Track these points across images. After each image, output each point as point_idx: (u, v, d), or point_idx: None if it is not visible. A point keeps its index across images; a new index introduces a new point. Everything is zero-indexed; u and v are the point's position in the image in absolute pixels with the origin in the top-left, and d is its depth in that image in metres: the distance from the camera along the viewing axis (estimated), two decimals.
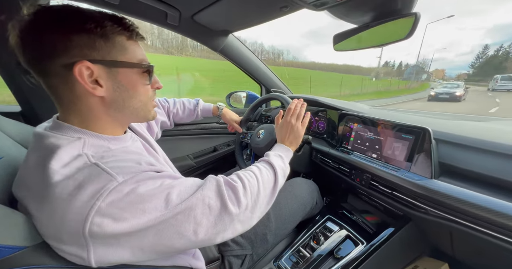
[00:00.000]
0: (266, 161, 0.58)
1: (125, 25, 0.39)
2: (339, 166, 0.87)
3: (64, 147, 0.35)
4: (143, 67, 0.41)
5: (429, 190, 0.55)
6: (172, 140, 1.18)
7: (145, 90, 0.44)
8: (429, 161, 0.59)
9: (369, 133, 0.80)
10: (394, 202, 0.67)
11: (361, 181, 0.77)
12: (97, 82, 0.37)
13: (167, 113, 0.95)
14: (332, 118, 0.99)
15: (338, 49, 0.74)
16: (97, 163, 0.34)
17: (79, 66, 0.34)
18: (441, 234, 0.64)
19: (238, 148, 1.07)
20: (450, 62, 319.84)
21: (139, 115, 0.45)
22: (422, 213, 0.60)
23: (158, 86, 0.48)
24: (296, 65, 68.92)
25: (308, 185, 0.92)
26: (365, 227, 0.78)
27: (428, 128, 0.60)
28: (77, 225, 0.31)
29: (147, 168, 0.38)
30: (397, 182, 0.64)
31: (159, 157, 0.57)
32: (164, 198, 0.35)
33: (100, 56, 0.36)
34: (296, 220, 0.82)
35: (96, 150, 0.38)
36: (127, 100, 0.41)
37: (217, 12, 0.79)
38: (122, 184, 0.33)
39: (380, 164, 0.71)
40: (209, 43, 1.03)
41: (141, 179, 0.35)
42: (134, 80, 0.41)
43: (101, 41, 0.36)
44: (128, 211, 0.32)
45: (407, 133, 0.66)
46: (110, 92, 0.39)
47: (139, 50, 0.41)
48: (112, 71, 0.38)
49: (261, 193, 0.48)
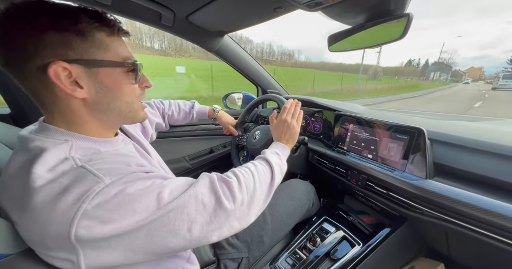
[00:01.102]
0: (262, 158, 0.58)
1: (104, 20, 0.36)
2: (335, 167, 0.86)
3: (50, 151, 0.33)
4: (127, 65, 0.38)
5: (424, 190, 0.55)
6: (167, 142, 1.16)
7: (131, 90, 0.41)
8: (424, 161, 0.59)
9: (365, 134, 0.80)
10: (390, 202, 0.67)
11: (357, 182, 0.77)
12: (77, 83, 0.35)
13: (162, 115, 0.94)
14: (328, 118, 0.99)
15: (333, 50, 0.74)
16: (84, 166, 0.33)
17: (54, 67, 0.32)
18: (437, 235, 0.64)
19: (235, 151, 1.07)
20: (495, 59, 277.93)
21: (126, 117, 0.43)
22: (417, 213, 0.60)
23: (147, 85, 0.45)
24: (305, 66, 68.97)
25: (304, 186, 0.92)
26: (362, 228, 0.77)
27: (422, 128, 0.60)
28: (63, 229, 0.29)
29: (136, 169, 0.36)
30: (392, 183, 0.63)
31: (153, 160, 0.56)
32: (156, 197, 0.34)
33: (77, 55, 0.34)
34: (293, 221, 0.81)
35: (84, 152, 0.37)
36: (112, 101, 0.39)
37: (211, 13, 0.78)
38: (109, 186, 0.31)
39: (376, 165, 0.71)
40: (204, 44, 1.03)
41: (130, 180, 0.34)
42: (118, 80, 0.38)
43: (77, 39, 0.33)
44: (117, 212, 0.31)
45: (402, 134, 0.66)
46: (92, 94, 0.37)
47: (122, 47, 0.39)
48: (92, 71, 0.35)
49: (257, 189, 0.47)
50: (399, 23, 0.61)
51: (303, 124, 1.14)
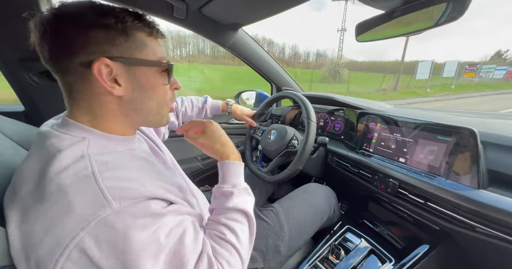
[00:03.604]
0: (232, 210, 0.45)
1: (145, 21, 0.37)
2: (359, 171, 0.78)
3: (65, 150, 0.33)
4: (163, 65, 0.39)
5: (476, 202, 0.46)
6: (179, 141, 1.12)
7: (164, 91, 0.42)
8: (475, 168, 0.50)
9: (396, 135, 0.71)
10: (427, 214, 0.58)
11: (386, 188, 0.68)
12: (116, 81, 0.35)
13: (176, 113, 0.90)
14: (350, 118, 0.91)
15: (361, 40, 0.66)
16: (96, 176, 0.30)
17: (98, 63, 0.33)
18: (490, 256, 0.54)
19: (248, 143, 1.03)
20: None
21: (153, 119, 0.43)
22: (466, 229, 0.50)
23: (176, 86, 0.45)
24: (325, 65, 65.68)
25: (323, 191, 0.85)
26: (392, 240, 0.69)
27: (473, 129, 0.51)
28: (50, 257, 0.27)
29: (151, 194, 0.33)
30: (432, 192, 0.55)
31: (167, 160, 0.54)
32: (154, 262, 0.30)
33: (119, 53, 0.35)
34: (312, 229, 0.75)
35: (101, 151, 0.36)
36: (145, 100, 0.39)
37: (226, 3, 0.73)
38: (115, 214, 0.29)
39: (410, 170, 0.63)
40: (217, 38, 0.97)
41: (140, 213, 0.30)
42: (153, 80, 0.39)
43: (121, 37, 0.34)
44: (108, 259, 0.28)
45: (445, 135, 0.57)
46: (129, 92, 0.37)
47: (159, 48, 0.40)
48: (131, 69, 0.36)
49: (245, 254, 0.42)
50: (438, 7, 0.52)
51: (321, 124, 1.07)
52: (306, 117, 0.77)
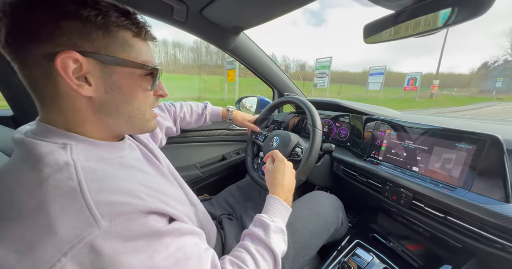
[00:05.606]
0: (263, 244, 0.43)
1: (134, 20, 0.34)
2: (368, 180, 0.73)
3: (44, 158, 0.29)
4: (146, 68, 0.35)
5: (507, 218, 0.41)
6: (177, 148, 1.09)
7: (145, 96, 0.38)
8: (501, 179, 0.45)
9: (407, 142, 0.66)
10: (448, 229, 0.53)
11: (399, 200, 0.63)
12: (86, 79, 0.32)
13: (174, 118, 0.86)
14: (357, 124, 0.87)
15: (369, 42, 0.63)
16: (82, 188, 0.26)
17: (63, 56, 0.29)
18: None
19: (250, 149, 0.98)
20: None
21: (134, 126, 0.39)
22: (494, 248, 0.45)
23: (162, 93, 0.42)
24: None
25: (330, 200, 0.79)
26: (407, 258, 0.63)
27: (497, 136, 0.46)
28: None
29: (147, 208, 0.29)
30: (453, 204, 0.50)
31: (163, 168, 0.50)
32: None
33: (94, 49, 0.31)
34: (318, 244, 0.69)
35: (88, 157, 0.32)
36: (121, 105, 0.35)
37: (228, 5, 0.70)
38: (103, 235, 0.25)
39: (425, 180, 0.58)
40: (218, 42, 0.95)
41: (131, 235, 0.27)
42: (134, 83, 0.35)
43: (99, 32, 0.31)
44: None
45: (464, 142, 0.52)
46: (100, 93, 0.33)
47: (146, 50, 0.36)
48: (107, 68, 0.32)
49: None
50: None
51: (325, 130, 1.02)
52: (312, 124, 0.72)
